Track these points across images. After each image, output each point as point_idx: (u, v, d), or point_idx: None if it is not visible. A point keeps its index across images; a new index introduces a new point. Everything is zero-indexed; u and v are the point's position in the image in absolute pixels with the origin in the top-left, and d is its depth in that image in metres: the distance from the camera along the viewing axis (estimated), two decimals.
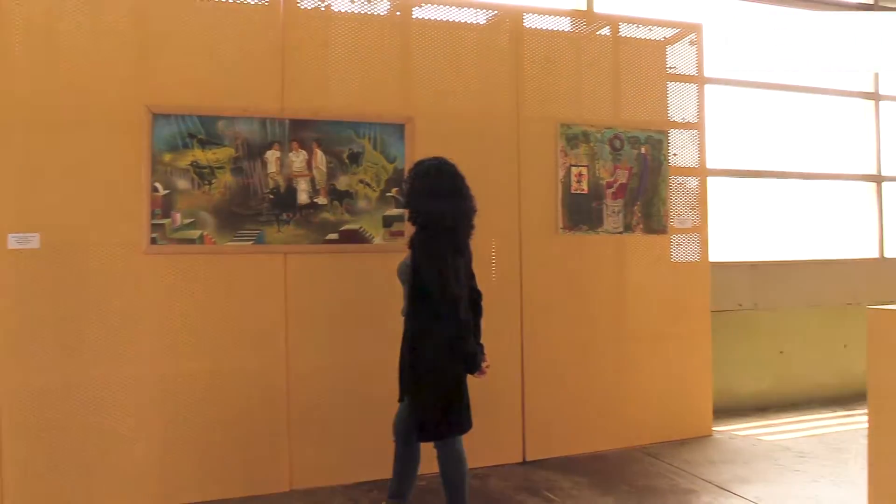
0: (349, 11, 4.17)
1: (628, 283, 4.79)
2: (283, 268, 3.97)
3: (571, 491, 3.95)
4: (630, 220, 4.76)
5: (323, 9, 4.11)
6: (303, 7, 4.06)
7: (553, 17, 4.70)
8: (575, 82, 4.69)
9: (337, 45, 4.12)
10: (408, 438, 3.30)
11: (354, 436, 4.04)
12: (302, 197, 4.01)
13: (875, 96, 6.58)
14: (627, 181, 4.75)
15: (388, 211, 4.17)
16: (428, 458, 3.31)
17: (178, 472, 3.78)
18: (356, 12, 4.18)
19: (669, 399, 4.87)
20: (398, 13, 4.27)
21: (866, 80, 6.60)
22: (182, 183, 3.80)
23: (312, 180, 4.03)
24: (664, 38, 4.96)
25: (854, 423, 5.21)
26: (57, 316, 3.61)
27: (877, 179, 6.57)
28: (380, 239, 4.15)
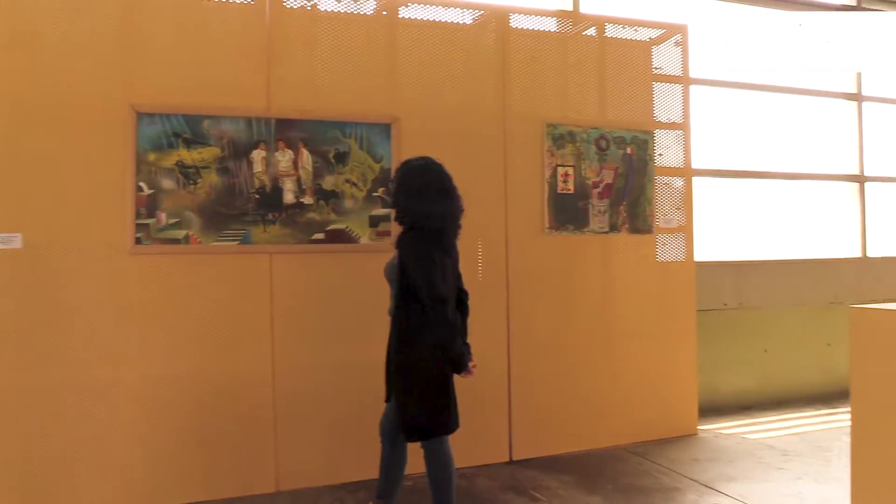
0: (335, 11, 4.15)
1: (614, 283, 4.81)
2: (269, 268, 3.96)
3: (558, 490, 3.96)
4: (616, 220, 4.78)
5: (309, 8, 4.10)
6: (289, 6, 4.04)
7: (539, 18, 4.70)
8: (561, 82, 4.70)
9: (323, 45, 4.11)
10: (394, 438, 3.29)
11: (341, 436, 4.03)
12: (288, 197, 4.00)
13: (858, 97, 6.64)
14: (613, 181, 4.77)
15: (375, 211, 4.16)
16: (415, 458, 3.31)
17: (163, 474, 3.76)
18: (342, 11, 4.17)
19: (655, 398, 4.90)
20: (384, 13, 4.27)
21: (849, 82, 6.66)
22: (167, 182, 3.78)
23: (298, 180, 4.01)
24: (650, 39, 4.98)
25: (837, 421, 5.26)
26: (39, 316, 3.57)
27: (859, 180, 6.64)
28: (366, 239, 4.14)
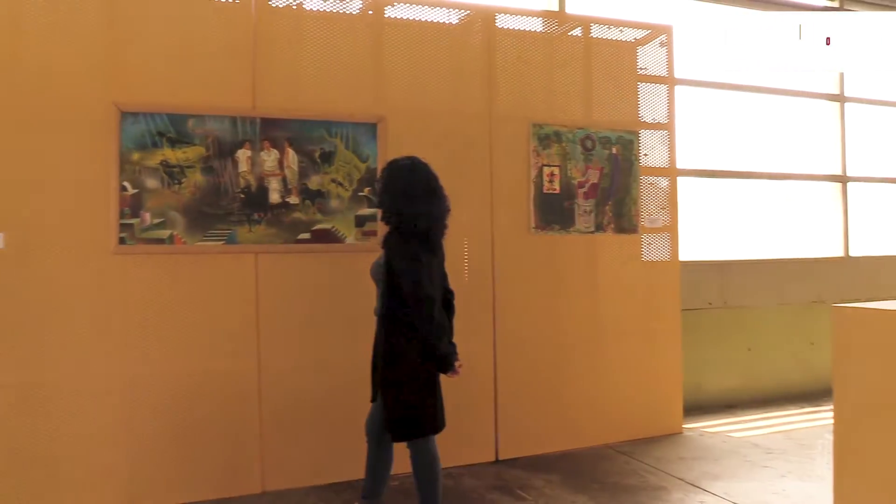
0: (321, 10, 4.14)
1: (600, 283, 4.82)
2: (255, 268, 3.94)
3: (544, 489, 3.97)
4: (601, 220, 4.80)
5: (295, 7, 4.09)
6: (274, 4, 4.03)
7: (525, 18, 4.71)
8: (547, 82, 4.71)
9: (309, 44, 4.09)
10: (380, 438, 3.29)
11: (327, 436, 4.02)
12: (273, 196, 3.98)
13: (840, 98, 6.70)
14: (599, 181, 4.78)
15: (361, 210, 4.15)
16: (401, 458, 3.30)
17: (148, 475, 3.73)
18: (328, 11, 4.15)
19: (640, 397, 4.92)
20: (370, 12, 4.26)
21: (832, 83, 6.72)
22: (151, 182, 3.75)
23: (284, 179, 4.00)
24: (635, 40, 5.00)
25: (820, 419, 5.29)
26: (22, 317, 3.54)
27: (842, 180, 6.70)
28: (352, 238, 4.13)
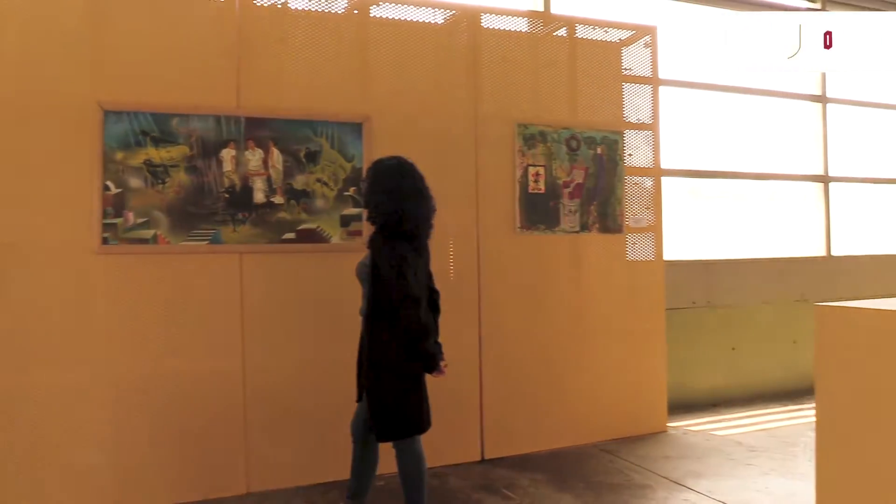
0: (306, 9, 4.13)
1: (585, 282, 4.84)
2: (239, 268, 3.92)
3: (529, 488, 3.98)
4: (586, 220, 4.81)
5: (279, 5, 4.07)
6: (259, 3, 4.01)
7: (510, 18, 4.72)
8: (532, 82, 4.72)
9: (294, 43, 4.08)
10: (366, 438, 3.29)
11: (312, 437, 4.01)
12: (258, 196, 3.96)
13: (822, 99, 6.76)
14: (584, 181, 4.80)
15: (346, 210, 4.14)
16: (386, 458, 3.30)
17: (131, 477, 3.70)
18: (313, 10, 4.14)
19: (625, 396, 4.94)
20: (356, 11, 4.25)
21: (814, 84, 6.78)
22: (135, 181, 3.73)
23: (269, 179, 3.98)
24: (620, 40, 5.02)
25: (803, 417, 5.34)
26: (3, 318, 3.50)
27: (824, 180, 6.75)
28: (337, 238, 4.12)
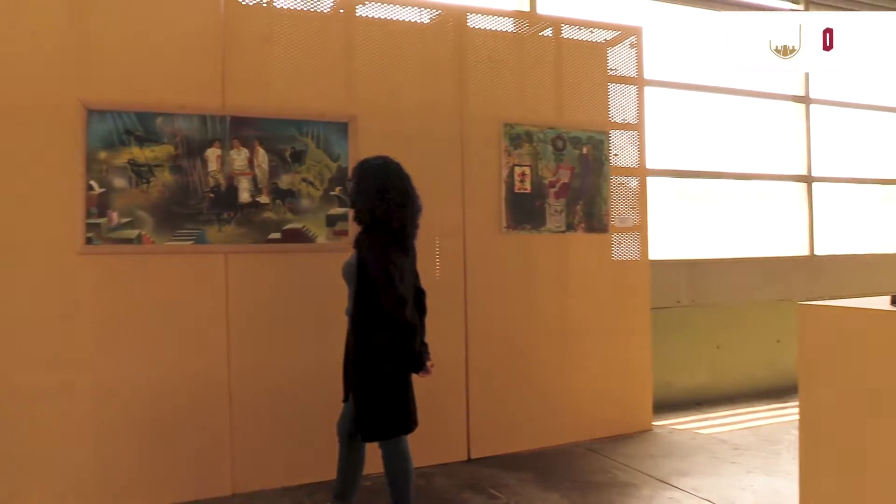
0: (292, 8, 4.11)
1: (571, 282, 4.86)
2: (224, 268, 3.90)
3: (516, 488, 3.98)
4: (572, 220, 4.83)
5: (265, 4, 4.05)
6: (244, 2, 3.99)
7: (496, 18, 4.72)
8: (518, 82, 4.72)
9: (279, 42, 4.06)
10: (352, 438, 3.28)
11: (298, 437, 3.99)
12: (243, 196, 3.95)
13: (806, 100, 6.82)
14: (570, 181, 4.81)
15: (332, 210, 4.13)
16: (373, 458, 3.29)
17: (116, 478, 3.67)
18: (299, 9, 4.13)
19: (611, 395, 4.96)
20: (342, 10, 4.24)
21: (797, 84, 6.84)
22: (119, 181, 3.70)
23: (254, 179, 3.97)
24: (605, 41, 5.04)
25: (786, 416, 5.37)
26: None
27: (807, 180, 6.81)
28: (323, 238, 4.11)
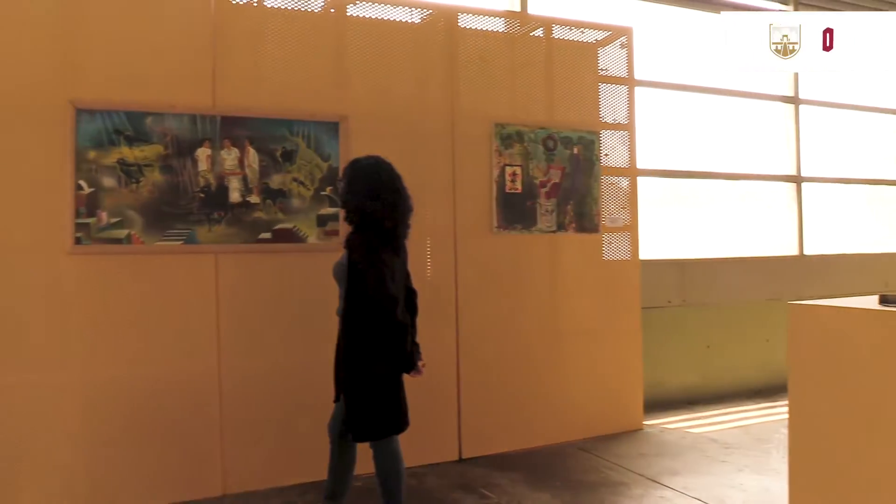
0: (282, 7, 4.10)
1: (561, 282, 4.86)
2: (215, 268, 3.89)
3: (507, 487, 3.99)
4: (563, 220, 4.83)
5: (255, 3, 4.04)
6: (235, 1, 3.98)
7: (487, 18, 4.73)
8: (509, 82, 4.73)
9: (270, 41, 4.05)
10: (343, 439, 3.27)
11: (289, 437, 3.99)
12: (234, 195, 3.93)
13: (795, 100, 6.86)
14: (560, 181, 4.82)
15: (323, 210, 4.13)
16: (364, 458, 3.29)
17: (106, 478, 3.66)
18: (290, 8, 4.12)
19: (602, 394, 4.97)
20: (332, 10, 4.23)
21: (787, 85, 6.87)
22: (108, 181, 3.68)
23: (245, 178, 3.95)
24: (596, 41, 5.05)
25: (776, 415, 5.39)
26: None
27: (796, 180, 6.85)
28: (314, 238, 4.10)
